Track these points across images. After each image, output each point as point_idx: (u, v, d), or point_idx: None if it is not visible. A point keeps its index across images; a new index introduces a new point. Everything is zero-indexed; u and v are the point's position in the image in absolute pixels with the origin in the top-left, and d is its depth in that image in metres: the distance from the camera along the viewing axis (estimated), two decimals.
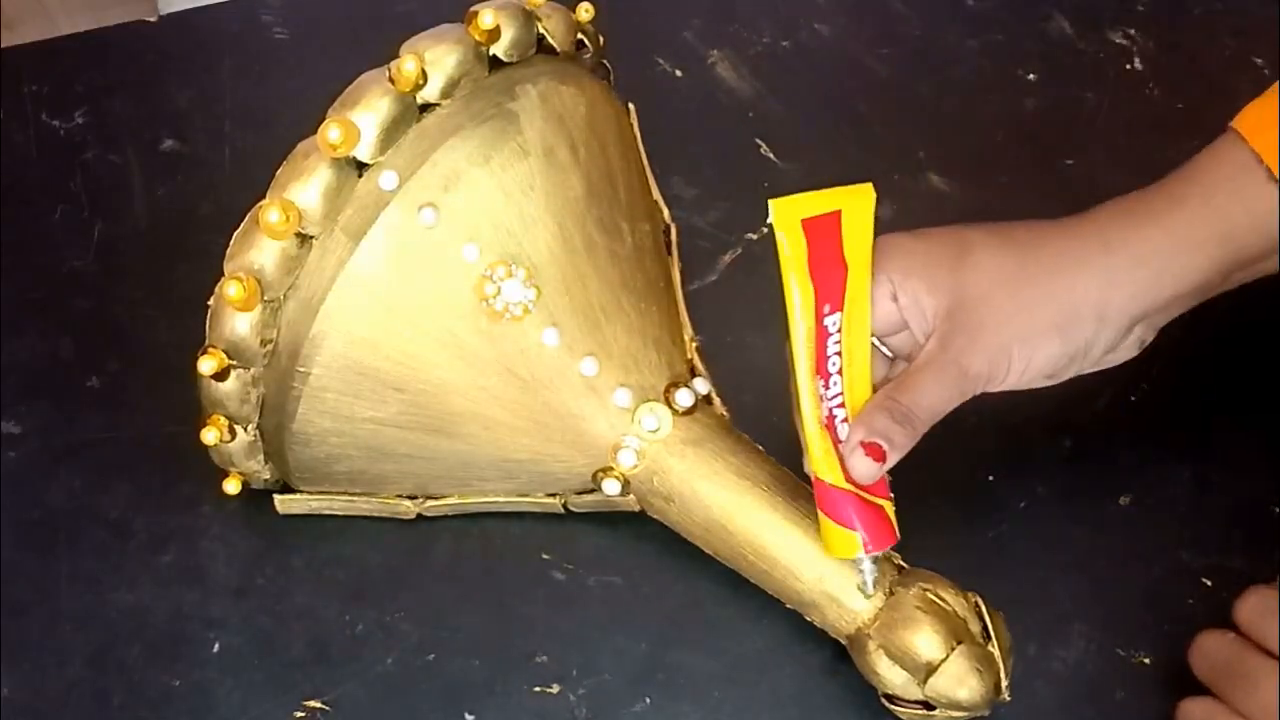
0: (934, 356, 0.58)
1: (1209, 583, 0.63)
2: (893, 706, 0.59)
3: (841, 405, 0.58)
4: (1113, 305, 0.58)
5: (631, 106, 0.71)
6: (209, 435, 0.61)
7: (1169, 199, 0.59)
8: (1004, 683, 0.58)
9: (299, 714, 0.62)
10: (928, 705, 0.58)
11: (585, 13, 0.66)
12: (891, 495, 0.58)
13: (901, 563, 0.61)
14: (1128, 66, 0.81)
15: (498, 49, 0.61)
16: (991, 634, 0.58)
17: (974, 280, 0.58)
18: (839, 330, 0.57)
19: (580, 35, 0.66)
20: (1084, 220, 0.59)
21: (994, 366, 0.58)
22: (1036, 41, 0.82)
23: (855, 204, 0.57)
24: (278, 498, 0.66)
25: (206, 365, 0.59)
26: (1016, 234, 0.59)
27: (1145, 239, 0.58)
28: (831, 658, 0.62)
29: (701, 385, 0.64)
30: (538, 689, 0.62)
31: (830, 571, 0.60)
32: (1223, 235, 0.58)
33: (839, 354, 0.57)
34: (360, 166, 0.59)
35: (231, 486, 0.65)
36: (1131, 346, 0.60)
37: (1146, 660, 0.62)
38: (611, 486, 0.63)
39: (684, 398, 0.62)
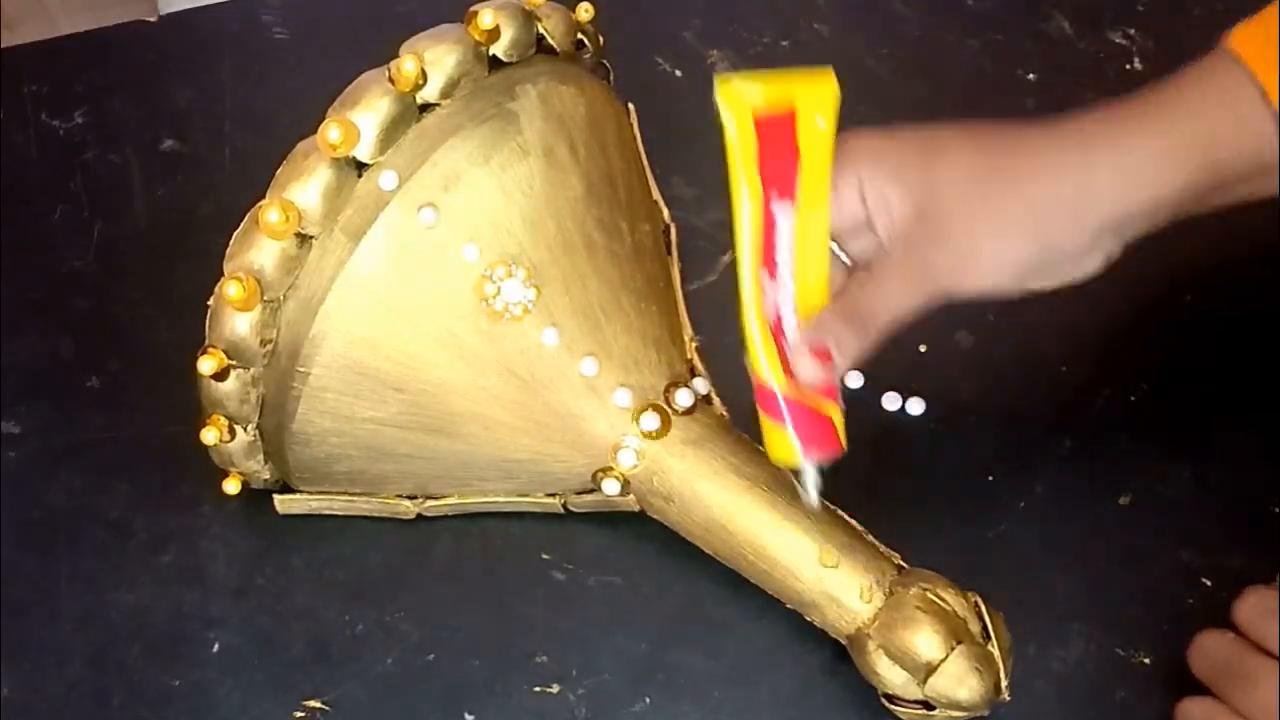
0: (897, 256, 0.56)
1: (1208, 582, 0.63)
2: (893, 706, 0.59)
3: (792, 308, 0.55)
4: (1085, 205, 0.56)
5: (631, 106, 0.71)
6: (209, 435, 0.61)
7: (1154, 106, 0.56)
8: (1004, 683, 0.58)
9: (299, 714, 0.62)
10: (928, 705, 0.58)
11: (585, 13, 0.66)
12: (842, 405, 0.56)
13: (901, 563, 0.61)
14: (1128, 66, 0.81)
15: (497, 49, 0.61)
16: (991, 634, 0.58)
17: (945, 178, 0.56)
18: (791, 224, 0.55)
19: (580, 35, 0.66)
20: (1063, 121, 0.57)
21: (961, 265, 0.56)
22: (1036, 41, 0.82)
23: (814, 94, 0.54)
24: (278, 498, 0.66)
25: (206, 365, 0.59)
26: (990, 133, 0.57)
27: (1126, 142, 0.56)
28: (831, 658, 0.62)
29: (701, 385, 0.64)
30: (538, 689, 0.62)
31: (830, 571, 0.60)
32: (1206, 148, 0.55)
33: (790, 251, 0.55)
34: (360, 166, 0.59)
35: (231, 486, 0.65)
36: (1097, 259, 0.57)
37: (1146, 660, 0.62)
38: (611, 486, 0.63)
39: (684, 398, 0.62)
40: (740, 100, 0.54)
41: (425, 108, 0.60)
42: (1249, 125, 0.55)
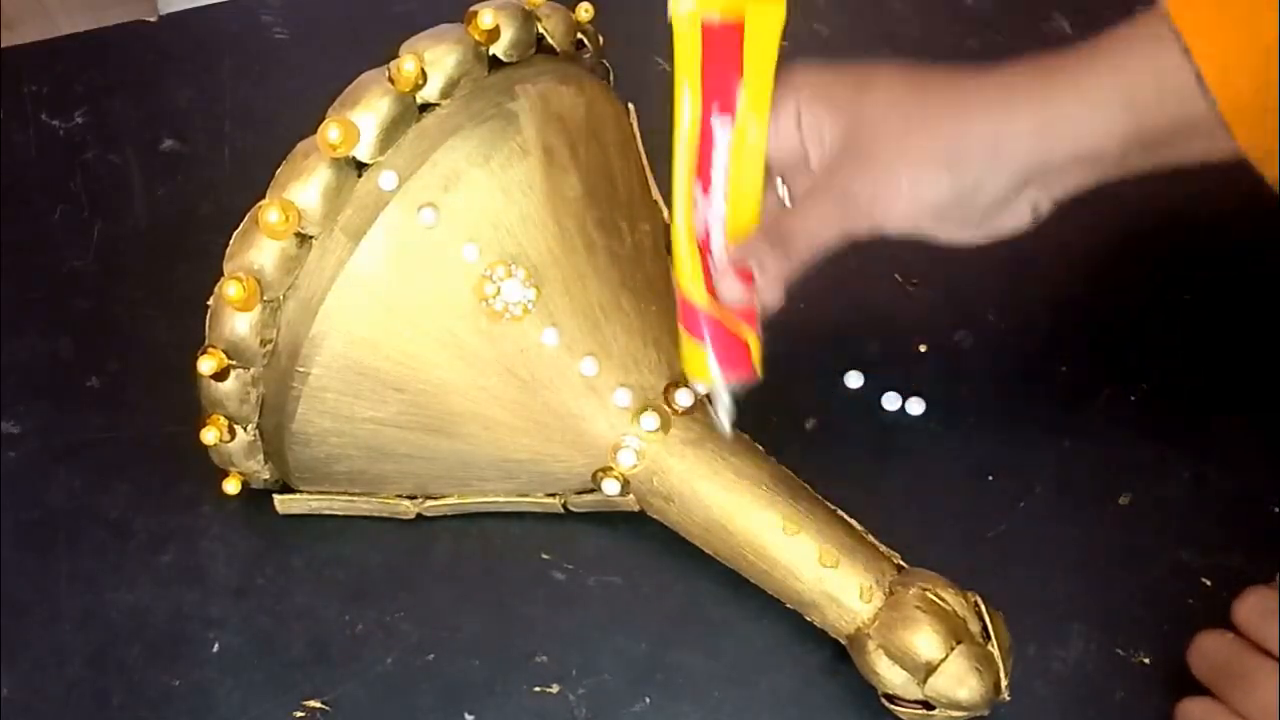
0: (823, 184, 0.57)
1: (1208, 582, 0.63)
2: (893, 706, 0.59)
3: (722, 227, 0.56)
4: (1004, 147, 0.56)
5: (631, 106, 0.71)
6: (209, 435, 0.61)
7: (1080, 58, 0.57)
8: (1004, 682, 0.58)
9: (299, 714, 0.62)
10: (927, 705, 0.58)
11: (585, 13, 0.66)
12: (760, 333, 0.56)
13: (901, 563, 0.61)
14: None
15: (497, 49, 0.61)
16: (991, 634, 0.58)
17: (873, 111, 0.57)
18: (728, 141, 0.55)
19: (580, 35, 0.66)
20: (994, 68, 0.58)
21: (881, 197, 0.56)
22: (1036, 41, 0.81)
23: (762, 12, 0.55)
24: (278, 498, 0.66)
25: (206, 365, 0.59)
26: (924, 73, 0.58)
27: (1048, 89, 0.56)
28: (831, 658, 0.62)
29: (701, 385, 0.64)
30: (538, 689, 0.62)
31: (830, 571, 0.60)
32: (1127, 101, 0.56)
33: (725, 168, 0.55)
34: (360, 166, 0.59)
35: (231, 486, 0.65)
36: (1023, 211, 0.58)
37: (1146, 660, 0.62)
38: (611, 486, 0.63)
39: (684, 398, 0.62)
40: (691, 13, 0.54)
41: (425, 108, 0.60)
42: (1170, 83, 0.55)
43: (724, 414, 0.57)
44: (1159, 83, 0.55)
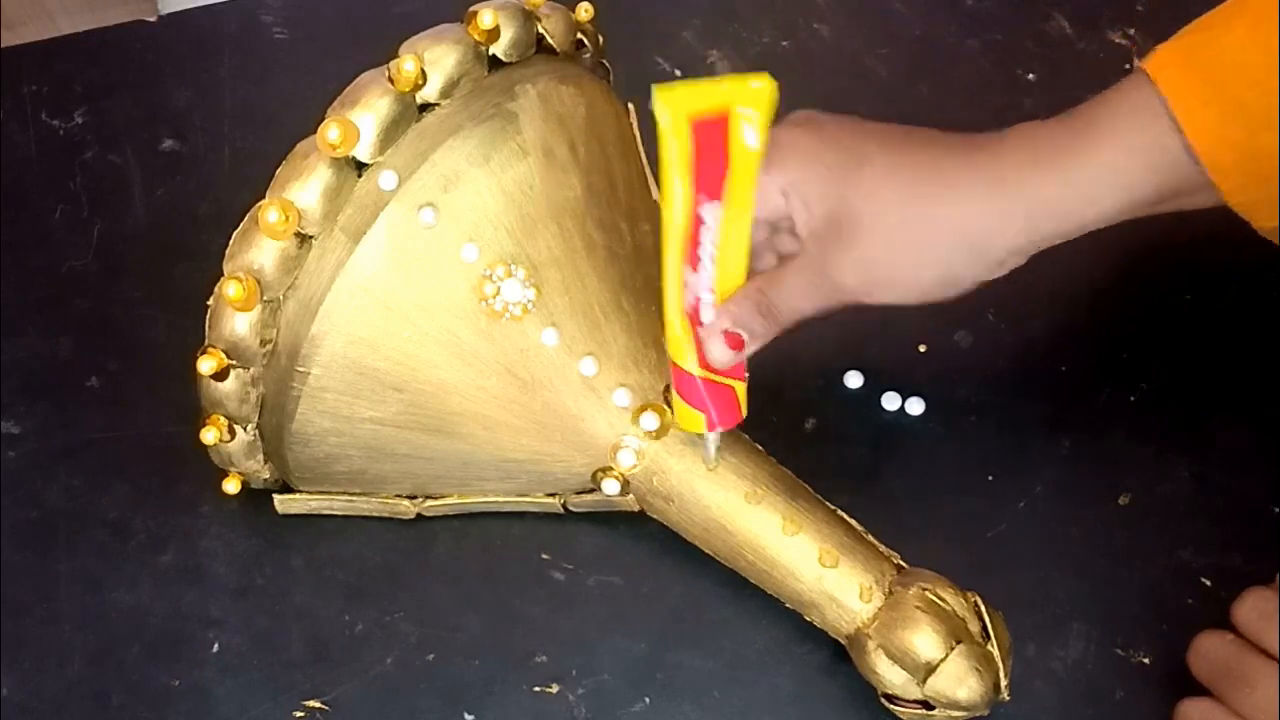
0: (808, 259, 0.59)
1: (1209, 583, 0.63)
2: (892, 706, 0.59)
3: (711, 290, 0.58)
4: (995, 244, 0.58)
5: (631, 106, 0.71)
6: (209, 435, 0.61)
7: (1071, 142, 0.58)
8: (1003, 682, 0.58)
9: (299, 714, 0.62)
10: (927, 705, 0.58)
11: (585, 13, 0.66)
12: (745, 377, 0.60)
13: (901, 563, 0.61)
14: (1127, 66, 0.81)
15: (497, 49, 0.61)
16: (991, 634, 0.58)
17: (864, 195, 0.58)
18: (717, 219, 0.57)
19: (580, 35, 0.66)
20: (984, 149, 0.59)
21: (868, 277, 0.58)
22: (1036, 41, 0.82)
23: (750, 99, 0.56)
24: (277, 498, 0.66)
25: (206, 365, 0.59)
26: (915, 153, 0.59)
27: (1040, 184, 0.58)
28: (831, 658, 0.62)
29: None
30: (537, 689, 0.62)
31: (830, 571, 0.60)
32: (1118, 182, 0.57)
33: (714, 243, 0.58)
34: (360, 166, 0.59)
35: (231, 486, 0.65)
36: (1000, 275, 0.60)
37: (1146, 660, 0.62)
38: (611, 486, 0.63)
39: None
40: (678, 107, 0.56)
41: (425, 108, 0.60)
42: (1160, 156, 0.56)
43: (712, 449, 0.61)
44: (1150, 159, 0.57)
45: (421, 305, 0.60)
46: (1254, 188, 0.56)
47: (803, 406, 0.69)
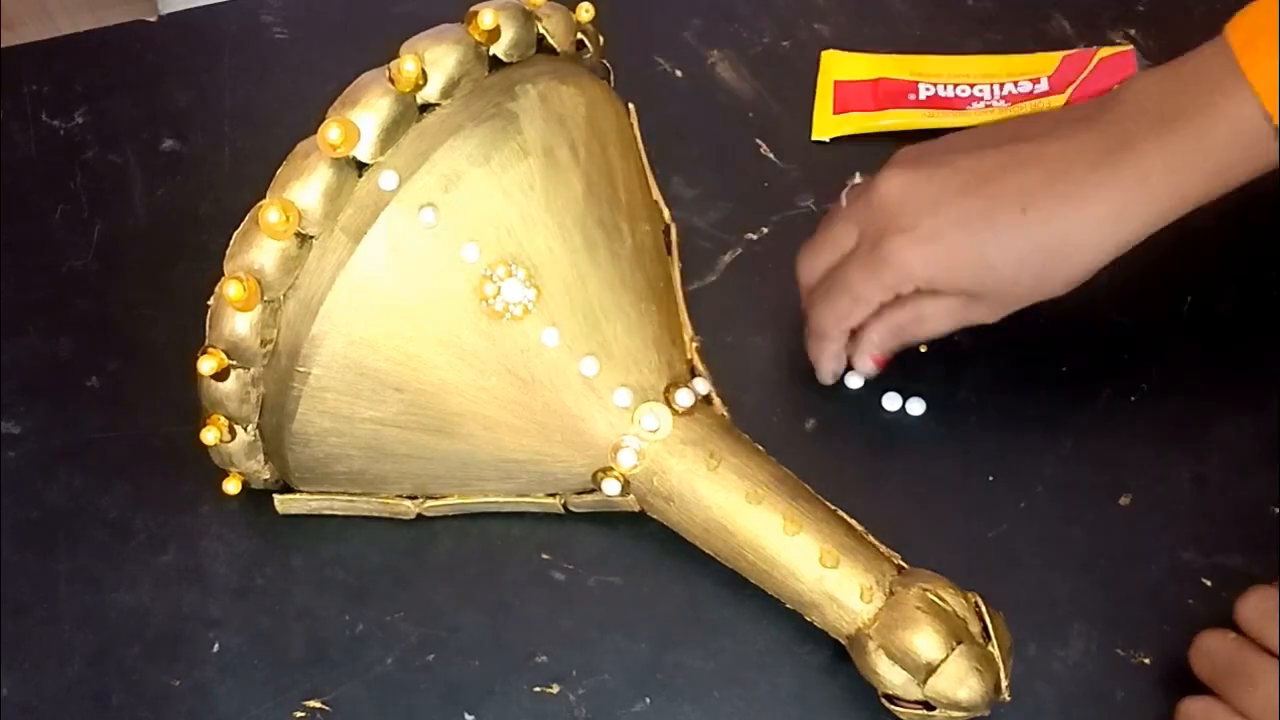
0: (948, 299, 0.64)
1: (1209, 583, 0.63)
2: (893, 706, 0.59)
3: None
4: (1086, 255, 0.61)
5: (631, 106, 0.71)
6: (209, 435, 0.61)
7: (1154, 131, 0.59)
8: (1004, 683, 0.58)
9: (299, 714, 0.62)
10: (928, 705, 0.58)
11: (585, 13, 0.66)
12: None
13: (901, 563, 0.61)
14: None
15: (498, 49, 0.61)
16: (991, 634, 0.58)
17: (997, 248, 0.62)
18: None
19: (580, 35, 0.66)
20: (1054, 140, 0.61)
21: (993, 313, 0.64)
22: (1036, 42, 0.82)
23: None
24: (278, 498, 0.66)
25: (206, 365, 0.59)
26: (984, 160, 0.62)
27: (1116, 175, 0.59)
28: (831, 658, 0.62)
29: (701, 385, 0.64)
30: (537, 689, 0.62)
31: (830, 572, 0.60)
32: (1205, 173, 0.59)
33: None
34: (360, 166, 0.59)
35: (231, 486, 0.65)
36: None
37: (1146, 660, 0.62)
38: (611, 486, 0.63)
39: (684, 398, 0.62)
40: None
41: (425, 108, 0.60)
42: (1250, 143, 0.58)
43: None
44: (1239, 146, 0.58)
45: (422, 305, 0.60)
46: None
47: (803, 406, 0.69)
